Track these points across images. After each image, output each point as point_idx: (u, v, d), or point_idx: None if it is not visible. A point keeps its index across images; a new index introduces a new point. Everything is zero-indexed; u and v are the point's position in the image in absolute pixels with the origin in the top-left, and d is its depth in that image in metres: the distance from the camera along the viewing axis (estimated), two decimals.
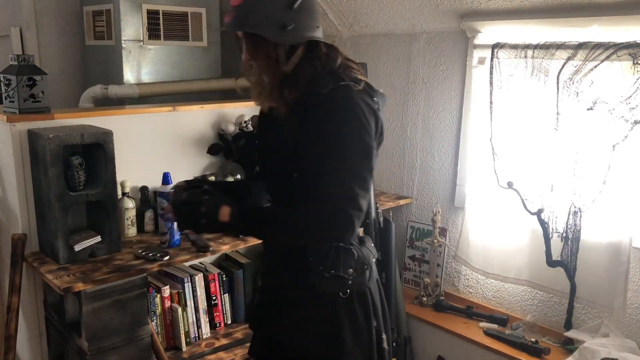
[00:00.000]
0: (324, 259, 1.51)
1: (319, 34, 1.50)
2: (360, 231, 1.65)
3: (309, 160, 1.44)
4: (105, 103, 3.01)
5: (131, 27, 3.10)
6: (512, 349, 2.41)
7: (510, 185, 2.47)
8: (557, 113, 2.30)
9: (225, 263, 2.84)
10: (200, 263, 2.72)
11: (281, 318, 1.61)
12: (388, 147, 3.07)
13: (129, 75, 3.13)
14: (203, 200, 1.46)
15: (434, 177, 2.92)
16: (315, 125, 1.44)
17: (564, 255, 2.38)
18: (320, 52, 1.50)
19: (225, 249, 2.40)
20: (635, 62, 2.06)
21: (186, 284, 2.53)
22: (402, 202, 3.01)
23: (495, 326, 2.60)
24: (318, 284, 1.52)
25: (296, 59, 1.49)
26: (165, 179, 2.24)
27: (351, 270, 1.53)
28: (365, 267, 1.56)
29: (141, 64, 3.17)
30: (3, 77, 2.19)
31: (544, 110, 2.34)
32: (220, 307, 2.67)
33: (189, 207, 1.46)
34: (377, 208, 2.26)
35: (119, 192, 2.34)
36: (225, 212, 1.43)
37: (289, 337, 1.60)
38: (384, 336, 1.61)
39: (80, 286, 1.94)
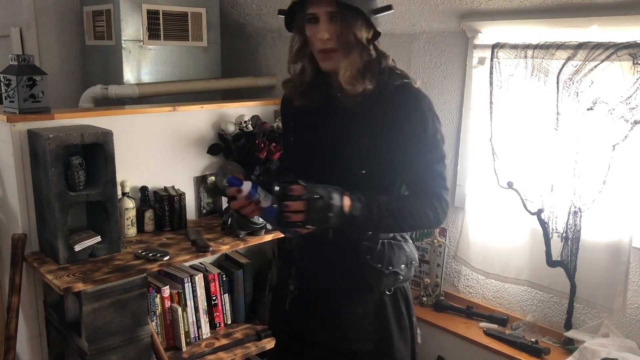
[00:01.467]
0: (380, 257, 1.52)
1: None
2: None
3: (389, 155, 1.48)
4: (105, 103, 3.01)
5: (131, 27, 3.10)
6: (512, 349, 2.41)
7: (510, 185, 2.47)
8: (557, 113, 2.30)
9: (225, 263, 2.84)
10: (200, 263, 2.72)
11: (329, 320, 1.57)
12: None
13: (129, 75, 3.13)
14: (332, 194, 1.38)
15: None
16: (395, 121, 1.47)
17: (564, 255, 2.38)
18: (379, 48, 1.52)
19: (225, 249, 2.40)
20: (635, 62, 2.06)
21: (186, 284, 2.53)
22: None
23: (495, 326, 2.60)
24: (376, 282, 1.53)
25: (374, 48, 1.50)
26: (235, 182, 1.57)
27: (403, 265, 1.56)
28: (413, 262, 1.60)
29: (141, 64, 3.17)
30: (3, 77, 2.19)
31: (544, 111, 2.34)
32: (220, 307, 2.67)
33: (321, 201, 1.36)
34: None
35: (119, 192, 2.34)
36: (347, 204, 1.40)
37: (337, 338, 1.56)
38: (418, 331, 1.66)
39: (80, 286, 1.94)
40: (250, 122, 2.76)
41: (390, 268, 1.53)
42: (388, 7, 1.49)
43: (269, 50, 3.70)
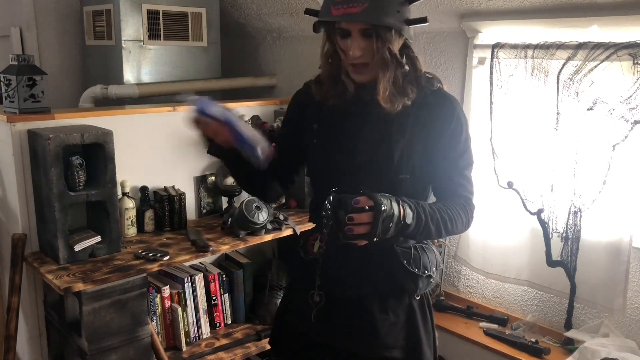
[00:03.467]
0: (416, 261, 1.50)
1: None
2: None
3: (427, 159, 1.46)
4: (105, 103, 3.01)
5: (131, 27, 3.10)
6: (512, 349, 2.41)
7: (510, 185, 2.47)
8: (557, 113, 2.30)
9: (225, 263, 2.84)
10: (200, 263, 2.72)
11: (362, 328, 1.52)
12: None
13: (129, 75, 3.13)
14: (392, 202, 1.29)
15: None
16: (433, 126, 1.45)
17: (564, 255, 2.38)
18: (413, 52, 1.49)
19: (225, 249, 2.40)
20: (635, 62, 2.06)
21: (186, 284, 2.53)
22: None
23: (495, 326, 2.60)
24: (413, 287, 1.50)
25: (407, 57, 1.46)
26: None
27: (434, 269, 1.55)
28: (440, 265, 1.59)
29: (141, 64, 3.17)
30: (3, 77, 2.19)
31: (544, 111, 2.34)
32: (220, 307, 2.67)
33: (385, 212, 1.27)
34: None
35: (119, 192, 2.34)
36: (402, 213, 1.31)
37: (370, 346, 1.52)
38: (437, 335, 1.64)
39: (80, 286, 1.94)
40: (250, 122, 2.76)
41: (426, 272, 1.51)
42: (423, 20, 1.43)
43: (269, 50, 3.70)
